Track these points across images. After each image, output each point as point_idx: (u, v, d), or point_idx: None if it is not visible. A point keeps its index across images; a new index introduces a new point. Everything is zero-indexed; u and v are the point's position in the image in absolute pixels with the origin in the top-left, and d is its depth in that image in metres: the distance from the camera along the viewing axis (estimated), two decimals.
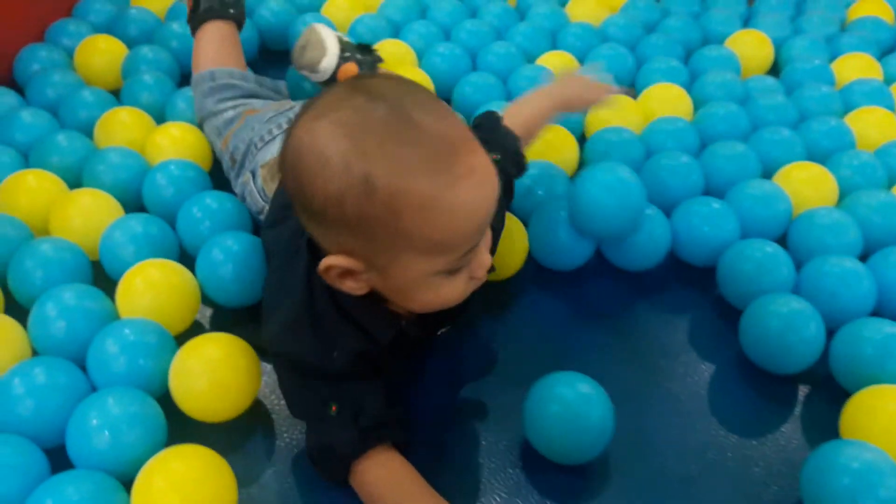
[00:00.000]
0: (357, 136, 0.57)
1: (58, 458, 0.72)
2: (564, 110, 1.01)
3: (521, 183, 0.95)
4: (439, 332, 0.81)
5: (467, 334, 0.91)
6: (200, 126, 1.11)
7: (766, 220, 1.01)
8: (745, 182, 1.04)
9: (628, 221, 0.93)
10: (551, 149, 1.11)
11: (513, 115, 0.92)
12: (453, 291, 0.66)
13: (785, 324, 0.83)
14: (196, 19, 1.17)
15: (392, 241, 0.60)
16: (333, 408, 0.70)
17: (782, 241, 1.00)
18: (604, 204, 0.92)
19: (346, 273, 0.64)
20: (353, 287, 0.65)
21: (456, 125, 0.61)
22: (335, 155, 0.57)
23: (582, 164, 1.14)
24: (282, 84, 1.19)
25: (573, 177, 1.07)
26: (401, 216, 0.58)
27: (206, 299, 0.91)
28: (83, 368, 0.79)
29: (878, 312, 0.90)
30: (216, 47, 1.15)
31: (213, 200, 0.97)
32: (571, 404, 0.74)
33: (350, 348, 0.70)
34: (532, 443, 0.76)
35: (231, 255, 0.89)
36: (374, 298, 0.68)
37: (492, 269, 0.69)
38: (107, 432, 0.70)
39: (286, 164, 0.62)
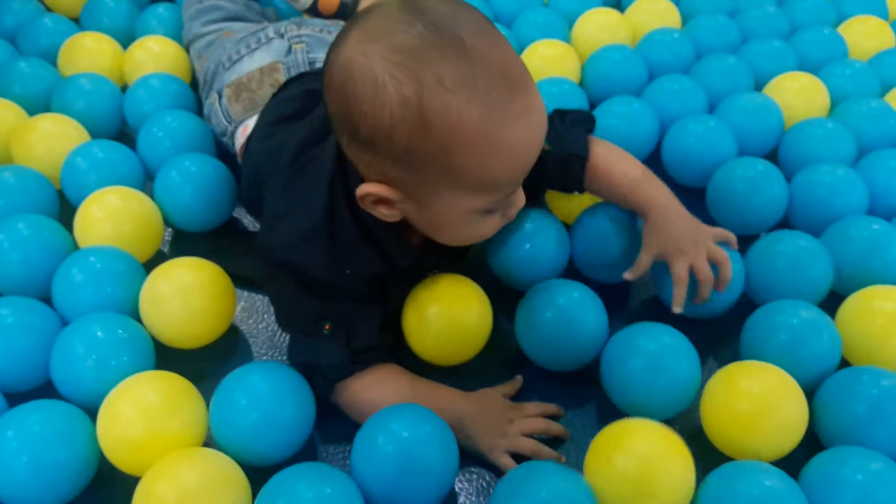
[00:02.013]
0: (415, 66, 0.55)
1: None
2: (652, 247, 0.76)
3: None
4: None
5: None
6: (187, 50, 1.10)
7: (758, 134, 0.98)
8: (735, 95, 1.01)
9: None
10: (551, 64, 1.08)
11: (607, 152, 0.80)
12: (486, 229, 0.66)
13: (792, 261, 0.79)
14: None
15: (438, 176, 0.58)
16: (326, 326, 0.69)
17: (774, 154, 0.98)
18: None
19: (382, 201, 0.63)
20: (385, 214, 0.64)
21: (514, 58, 0.58)
22: (391, 84, 0.55)
23: (583, 84, 1.10)
24: (270, 11, 1.15)
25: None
26: (453, 153, 0.56)
27: (168, 225, 0.90)
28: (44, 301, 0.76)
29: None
30: None
31: (174, 119, 0.94)
32: (565, 310, 0.73)
33: (365, 268, 0.69)
34: (525, 351, 0.75)
35: (190, 177, 0.86)
36: (398, 226, 0.67)
37: None
38: (93, 359, 0.69)
39: (332, 83, 0.59)
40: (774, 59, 1.09)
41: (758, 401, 0.66)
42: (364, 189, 0.62)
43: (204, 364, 0.77)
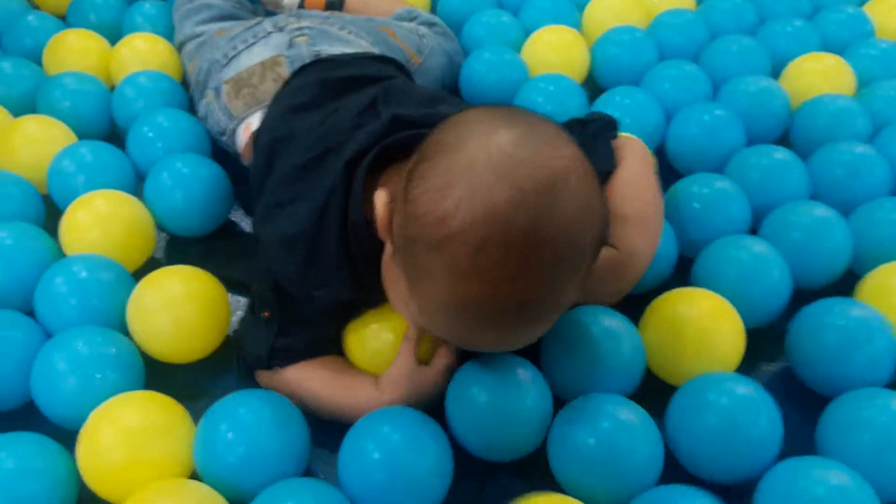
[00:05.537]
0: (481, 241, 0.49)
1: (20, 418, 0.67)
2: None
3: None
4: None
5: None
6: (178, 53, 1.06)
7: (764, 121, 0.94)
8: (737, 80, 0.97)
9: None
10: (556, 52, 1.04)
11: (629, 175, 0.75)
12: None
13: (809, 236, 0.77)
14: None
15: (406, 273, 0.55)
16: (266, 314, 0.68)
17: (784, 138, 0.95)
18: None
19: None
20: (380, 214, 0.58)
21: (552, 286, 0.52)
22: (449, 216, 0.50)
23: (592, 69, 1.07)
24: (261, 8, 1.13)
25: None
26: (426, 289, 0.53)
27: (161, 230, 0.86)
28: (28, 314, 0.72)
29: None
30: None
31: (166, 118, 0.90)
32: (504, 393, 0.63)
33: (336, 294, 0.66)
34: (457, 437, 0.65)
35: (182, 180, 0.83)
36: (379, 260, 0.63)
37: None
38: (76, 376, 0.64)
39: (440, 142, 0.54)
40: (795, 39, 1.06)
41: (695, 325, 0.67)
42: (383, 196, 0.58)
43: (197, 380, 0.73)
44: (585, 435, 0.60)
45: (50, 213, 0.85)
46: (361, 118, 0.70)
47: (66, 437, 0.63)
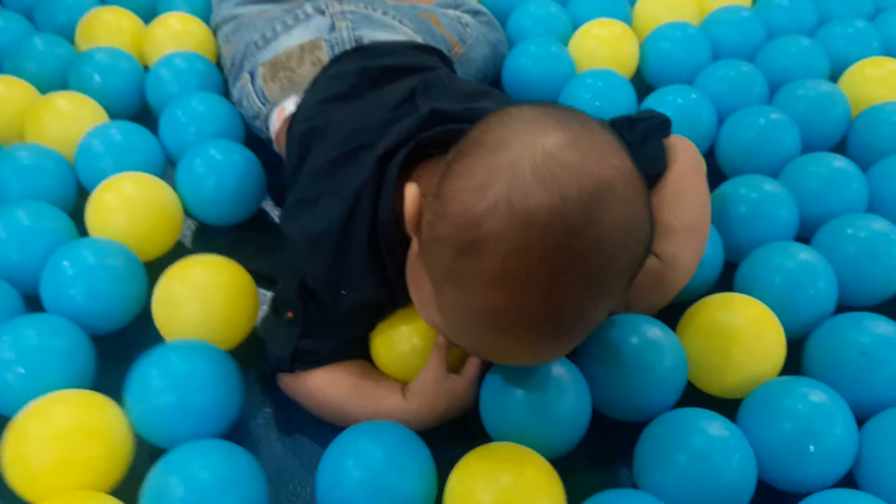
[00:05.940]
0: (515, 231, 0.46)
1: None
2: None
3: None
4: None
5: None
6: (214, 35, 1.04)
7: (821, 127, 0.90)
8: (795, 84, 0.93)
9: None
10: (605, 46, 1.01)
11: (680, 178, 0.72)
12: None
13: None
14: None
15: (431, 275, 0.53)
16: (290, 314, 0.66)
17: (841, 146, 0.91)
18: None
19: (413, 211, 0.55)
20: (408, 209, 0.55)
21: (586, 301, 0.49)
22: (482, 219, 0.47)
23: (641, 66, 1.04)
24: None
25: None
26: (448, 291, 0.51)
27: (190, 217, 0.85)
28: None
29: None
30: None
31: (201, 102, 0.88)
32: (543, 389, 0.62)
33: (364, 294, 0.64)
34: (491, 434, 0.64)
35: (214, 166, 0.81)
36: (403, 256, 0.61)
37: None
38: (21, 368, 0.62)
39: (481, 141, 0.51)
40: (856, 42, 1.01)
41: (735, 332, 0.65)
42: (414, 189, 0.54)
43: None
44: (678, 454, 0.58)
45: (81, 191, 0.83)
46: (398, 112, 0.67)
47: None
